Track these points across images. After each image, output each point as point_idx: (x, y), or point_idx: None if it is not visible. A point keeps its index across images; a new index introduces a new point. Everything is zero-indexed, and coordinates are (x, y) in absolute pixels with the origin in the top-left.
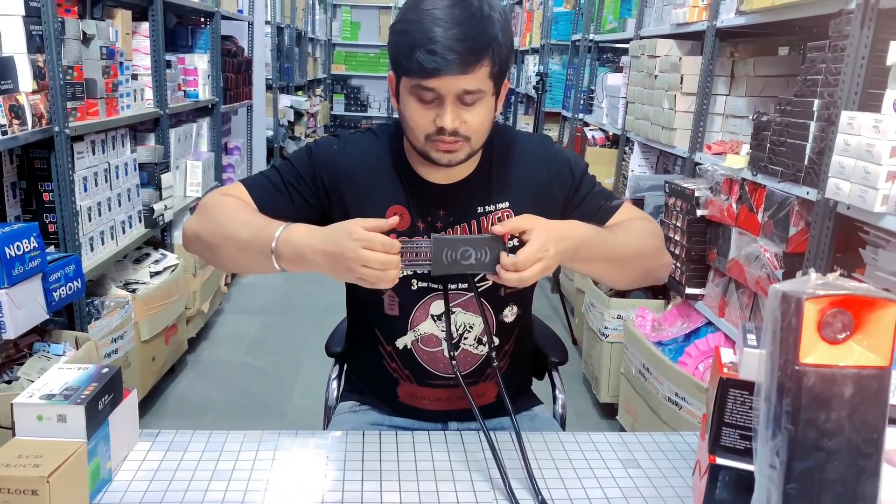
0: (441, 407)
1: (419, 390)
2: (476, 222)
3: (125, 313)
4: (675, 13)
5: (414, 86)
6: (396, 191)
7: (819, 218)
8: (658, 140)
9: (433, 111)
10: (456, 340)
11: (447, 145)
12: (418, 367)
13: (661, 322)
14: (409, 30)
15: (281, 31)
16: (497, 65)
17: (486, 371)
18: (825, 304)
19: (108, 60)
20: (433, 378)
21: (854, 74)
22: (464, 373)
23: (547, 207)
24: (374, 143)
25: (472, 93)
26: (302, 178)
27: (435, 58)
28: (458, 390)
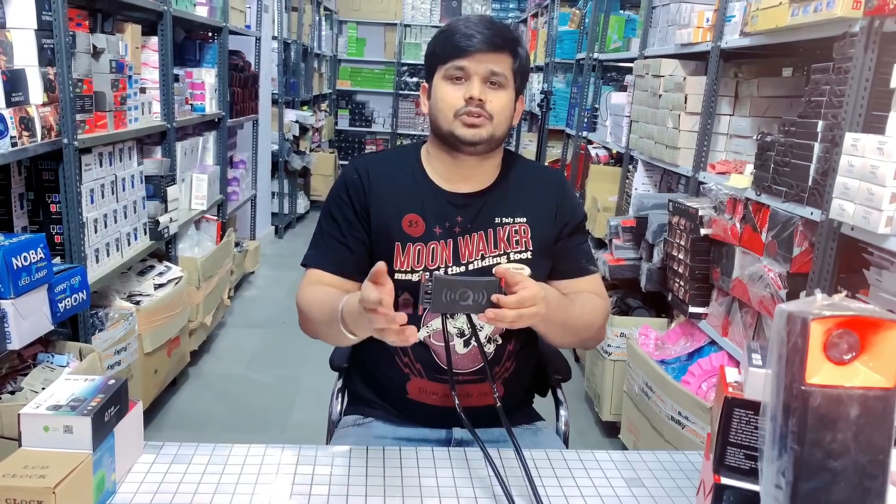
0: (448, 403)
1: (429, 385)
2: (493, 231)
3: (129, 325)
4: (679, 34)
5: (448, 69)
6: (412, 200)
7: (823, 238)
8: (662, 159)
9: (463, 88)
10: (467, 337)
11: (472, 118)
12: (430, 360)
13: (664, 341)
14: (447, 29)
15: (287, 47)
16: (518, 63)
17: (494, 369)
18: (831, 325)
19: (117, 74)
20: (442, 372)
21: (858, 96)
22: (471, 369)
23: (551, 232)
24: (391, 159)
25: (498, 75)
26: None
27: (469, 38)
28: (465, 387)
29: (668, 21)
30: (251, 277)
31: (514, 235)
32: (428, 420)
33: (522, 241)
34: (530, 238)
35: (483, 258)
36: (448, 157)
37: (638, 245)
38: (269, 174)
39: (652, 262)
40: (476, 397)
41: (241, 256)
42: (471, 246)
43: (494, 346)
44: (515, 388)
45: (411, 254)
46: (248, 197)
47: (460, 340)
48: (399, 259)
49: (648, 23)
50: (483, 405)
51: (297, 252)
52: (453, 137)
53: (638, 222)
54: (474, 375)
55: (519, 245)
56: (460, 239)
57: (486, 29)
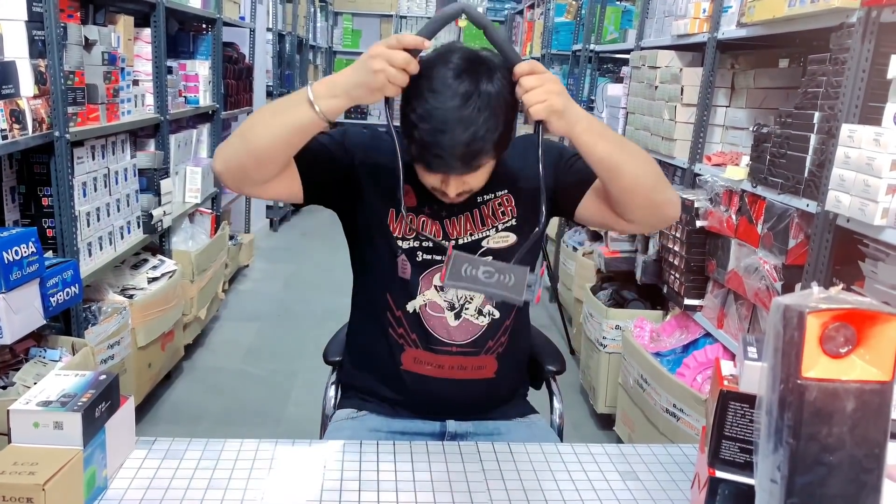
0: (442, 374)
1: (424, 355)
2: (478, 210)
3: (122, 319)
4: (675, 25)
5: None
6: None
7: (819, 230)
8: (658, 151)
9: (440, 177)
10: (458, 310)
11: (451, 199)
12: (425, 331)
13: (659, 333)
14: (419, 125)
15: (282, 39)
16: (500, 147)
17: (487, 343)
18: (827, 318)
19: (109, 66)
20: (437, 343)
21: (854, 87)
22: (465, 341)
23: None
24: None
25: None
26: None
27: (441, 162)
28: (459, 359)
29: (665, 12)
30: (246, 271)
31: (497, 209)
32: (421, 399)
33: (508, 210)
34: (514, 206)
35: (471, 236)
36: None
37: (633, 237)
38: None
39: (647, 254)
40: (470, 370)
41: (236, 250)
42: (458, 226)
43: (490, 318)
44: (508, 367)
45: (403, 221)
46: None
47: (451, 313)
48: (392, 224)
49: (645, 14)
50: (477, 379)
51: (292, 245)
52: None
53: None
54: (468, 348)
55: (505, 216)
56: (447, 221)
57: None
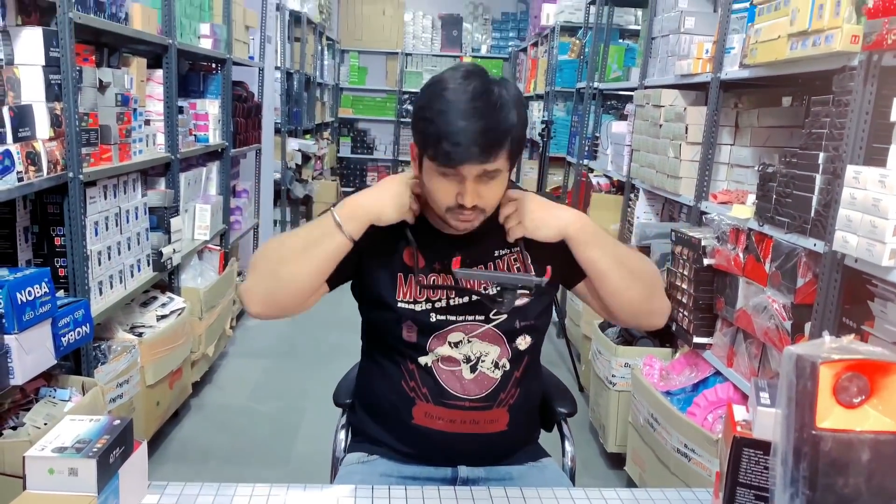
0: (454, 429)
1: (435, 409)
2: (493, 264)
3: (131, 358)
4: (679, 64)
5: (437, 167)
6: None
7: (827, 270)
8: (663, 188)
9: (454, 186)
10: (473, 363)
11: (465, 218)
12: (436, 385)
13: (668, 371)
14: (435, 120)
15: (290, 77)
16: (514, 149)
17: (500, 396)
18: (840, 369)
19: (122, 107)
20: (449, 398)
21: (858, 129)
22: (478, 395)
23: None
24: None
25: (491, 172)
26: None
27: (459, 150)
28: (471, 413)
29: (668, 52)
30: None
31: (513, 264)
32: (433, 452)
33: (524, 267)
34: (530, 263)
35: (486, 290)
36: None
37: None
38: (272, 203)
39: None
40: (482, 424)
41: None
42: (472, 280)
43: (502, 371)
44: (521, 417)
45: (413, 285)
46: (251, 226)
47: (467, 366)
48: (402, 289)
49: (648, 53)
50: (490, 432)
51: None
52: (446, 223)
53: (640, 251)
54: (481, 402)
55: (520, 271)
56: None
57: (478, 134)
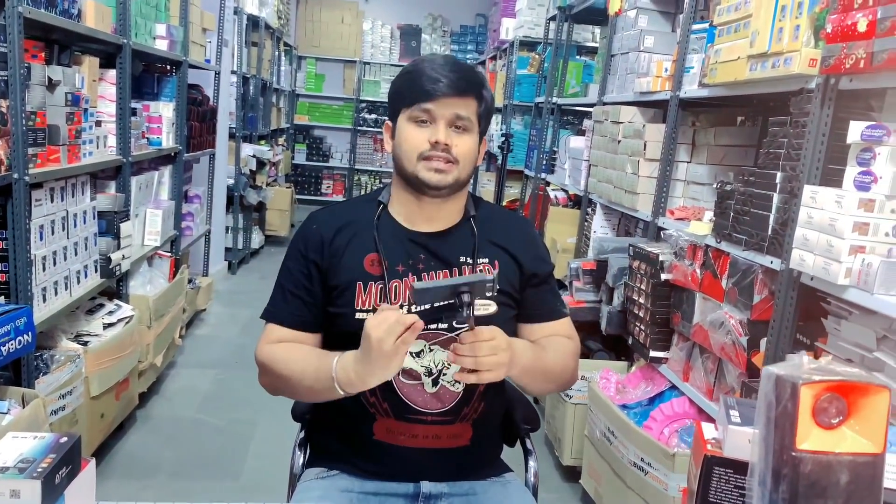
0: (416, 444)
1: (396, 425)
2: (458, 270)
3: (75, 368)
4: (638, 82)
5: (413, 111)
6: (373, 242)
7: (784, 287)
8: (621, 203)
9: (428, 131)
10: (435, 376)
11: (438, 163)
12: (398, 400)
13: (625, 384)
14: (412, 70)
15: (246, 81)
16: (483, 106)
17: (463, 410)
18: (819, 390)
19: (72, 107)
20: (411, 412)
21: (815, 150)
22: (440, 410)
23: (515, 275)
24: (351, 204)
25: (463, 119)
26: (304, 275)
27: (435, 82)
28: (434, 428)
29: (627, 69)
30: (203, 315)
31: None
32: (394, 468)
33: None
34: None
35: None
36: (412, 197)
37: (598, 288)
38: (225, 209)
39: (612, 305)
40: (445, 439)
41: (194, 293)
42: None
43: (463, 385)
44: (485, 432)
45: (373, 292)
46: (203, 232)
47: (429, 380)
48: (360, 298)
49: (607, 70)
50: (453, 447)
51: (250, 288)
52: (417, 180)
53: (598, 265)
54: (444, 417)
55: None
56: (424, 275)
57: (451, 72)
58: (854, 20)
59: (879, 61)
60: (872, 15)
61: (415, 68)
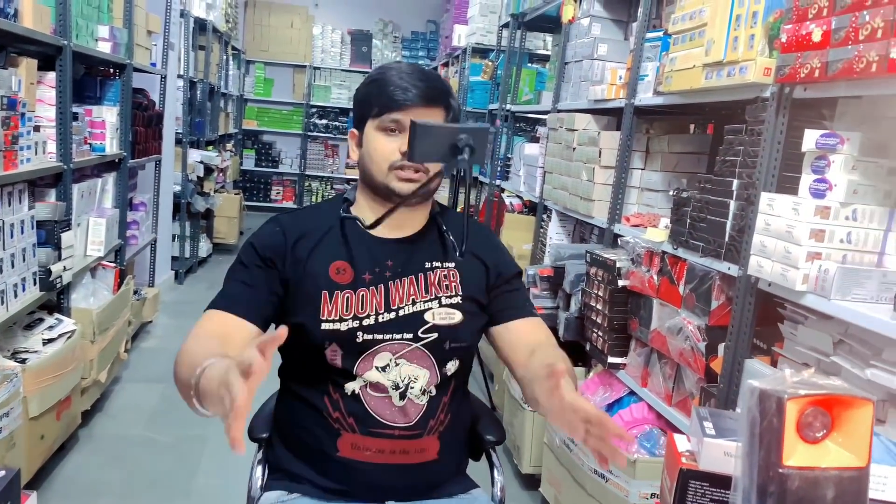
0: (383, 460)
1: (362, 440)
2: (424, 275)
3: (13, 387)
4: (592, 90)
5: (382, 121)
6: (340, 248)
7: (742, 293)
8: (576, 210)
9: (397, 141)
10: (402, 390)
11: (407, 174)
12: (365, 414)
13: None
14: (379, 78)
15: (193, 86)
16: (451, 115)
17: (429, 423)
18: (804, 404)
19: (8, 111)
20: (377, 426)
21: (771, 158)
22: (407, 424)
23: (481, 280)
24: (316, 213)
25: None
26: (257, 268)
27: (405, 92)
28: (401, 443)
29: (581, 77)
30: (149, 327)
31: (443, 280)
32: (359, 486)
33: (452, 286)
34: (459, 283)
35: (414, 303)
36: (379, 205)
37: (555, 294)
38: (171, 216)
39: (569, 311)
40: (413, 454)
41: (139, 305)
42: (401, 291)
43: (428, 397)
44: (451, 445)
45: (339, 302)
46: (148, 241)
47: (396, 393)
48: (326, 308)
49: (561, 77)
50: (420, 462)
51: (198, 298)
52: (388, 190)
53: (555, 272)
54: (410, 430)
55: (449, 290)
56: (391, 283)
57: (420, 81)
58: (808, 30)
59: (834, 70)
60: (827, 25)
61: (381, 76)
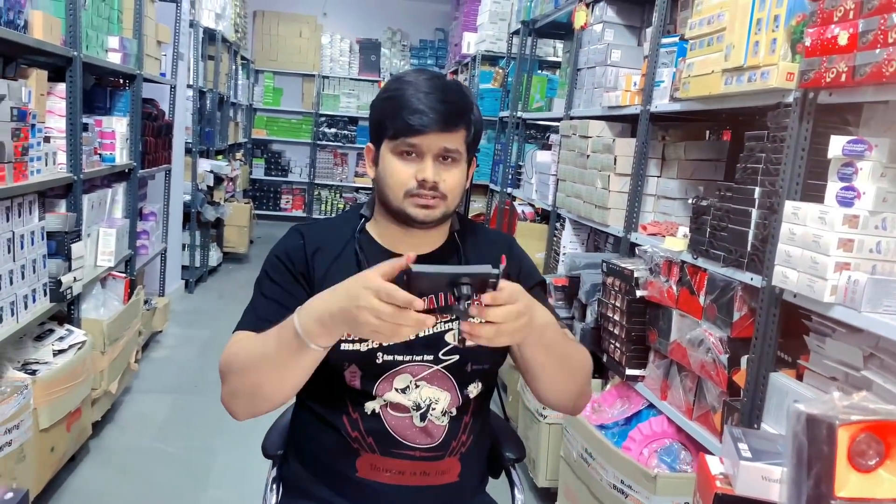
0: (402, 481)
1: (381, 461)
2: (444, 295)
3: (23, 399)
4: (606, 96)
5: (398, 144)
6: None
7: (765, 305)
8: (591, 218)
9: (414, 166)
10: (423, 411)
11: (425, 200)
12: (384, 433)
13: (600, 403)
14: (395, 96)
15: (203, 95)
16: (472, 134)
17: (451, 444)
18: (856, 430)
19: (18, 122)
20: (398, 447)
21: (794, 165)
22: (429, 445)
23: None
24: (333, 228)
25: (451, 152)
26: (287, 284)
27: (421, 116)
28: (422, 464)
29: (594, 83)
30: (159, 337)
31: None
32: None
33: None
34: None
35: (435, 324)
36: (396, 226)
37: (571, 304)
38: (181, 226)
39: (585, 322)
40: (433, 476)
41: (150, 315)
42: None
43: (448, 418)
44: (473, 466)
45: None
46: (158, 251)
47: (417, 413)
48: None
49: (573, 84)
50: (440, 484)
51: (208, 308)
52: (404, 215)
53: (570, 281)
54: (432, 452)
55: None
56: None
57: (439, 103)
58: (834, 34)
59: (862, 75)
60: (853, 28)
61: (398, 94)
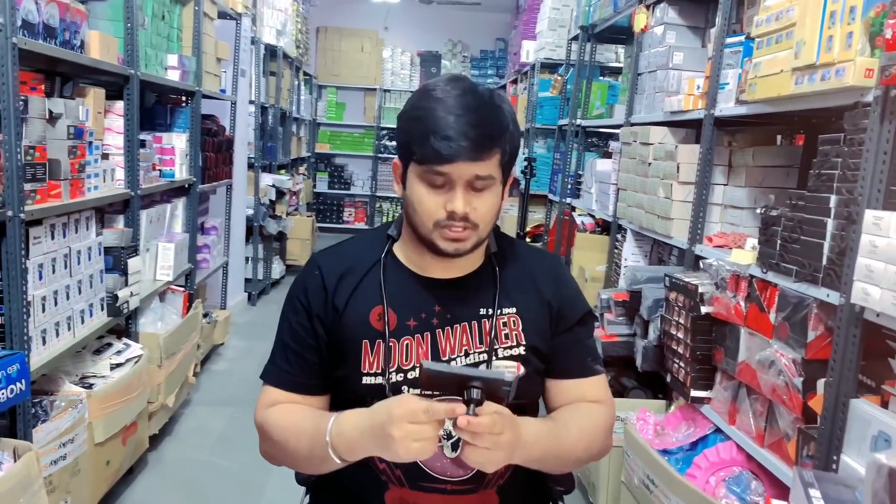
0: None
1: (410, 495)
2: (478, 324)
3: (78, 413)
4: (668, 101)
5: (425, 171)
6: (380, 292)
7: (844, 324)
8: (653, 229)
9: (443, 196)
10: (455, 440)
11: (455, 233)
12: (413, 466)
13: (663, 426)
14: (423, 117)
15: (265, 111)
16: (507, 154)
17: (487, 477)
18: None
19: (75, 140)
20: (428, 480)
21: (876, 170)
22: (462, 477)
23: (545, 323)
24: (356, 247)
25: (483, 179)
26: (307, 330)
27: (450, 143)
28: (455, 498)
29: (655, 88)
30: (220, 349)
31: (502, 329)
32: None
33: (513, 335)
34: (522, 331)
35: (467, 354)
36: (425, 251)
37: (632, 320)
38: (244, 240)
39: (647, 339)
40: None
41: (210, 328)
42: (452, 340)
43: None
44: (513, 499)
45: (381, 353)
46: (220, 264)
47: (448, 443)
48: (367, 360)
49: (634, 90)
50: None
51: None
52: (433, 246)
53: (631, 296)
54: (465, 485)
55: (509, 339)
56: (439, 332)
57: (471, 128)
58: None
59: None
60: None
61: (426, 114)
